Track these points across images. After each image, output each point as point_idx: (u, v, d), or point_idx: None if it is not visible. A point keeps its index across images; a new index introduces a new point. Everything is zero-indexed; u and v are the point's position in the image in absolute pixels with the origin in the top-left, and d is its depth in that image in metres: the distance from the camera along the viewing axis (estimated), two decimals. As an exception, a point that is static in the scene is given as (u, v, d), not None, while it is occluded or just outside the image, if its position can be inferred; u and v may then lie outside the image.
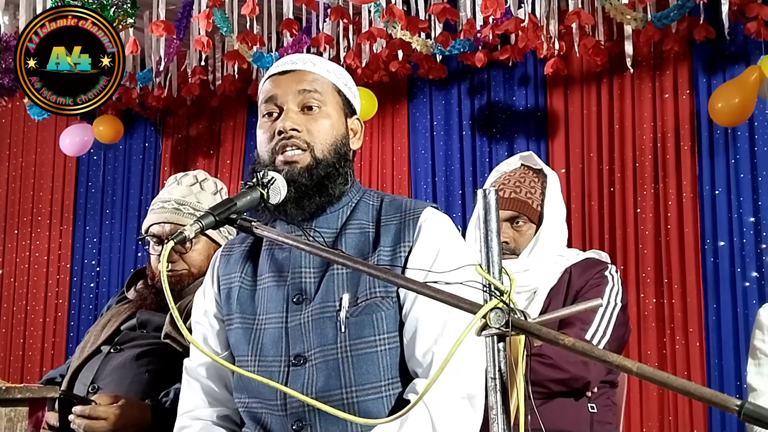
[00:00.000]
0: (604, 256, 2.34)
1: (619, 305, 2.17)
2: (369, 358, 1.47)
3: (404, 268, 1.49)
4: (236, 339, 1.59)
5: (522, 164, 2.36)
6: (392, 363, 1.49)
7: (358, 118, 1.66)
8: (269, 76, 1.62)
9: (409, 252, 1.51)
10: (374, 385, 1.47)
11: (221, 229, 2.27)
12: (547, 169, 2.33)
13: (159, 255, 2.23)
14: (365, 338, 1.47)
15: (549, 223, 2.24)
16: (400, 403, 1.47)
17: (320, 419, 1.46)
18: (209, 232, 2.16)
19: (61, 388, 2.16)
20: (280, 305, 1.54)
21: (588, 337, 2.06)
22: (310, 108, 1.56)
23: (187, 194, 2.26)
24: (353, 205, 1.60)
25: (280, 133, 1.54)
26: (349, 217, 1.58)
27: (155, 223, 2.24)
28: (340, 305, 1.48)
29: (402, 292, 1.50)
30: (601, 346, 2.05)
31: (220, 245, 2.28)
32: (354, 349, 1.47)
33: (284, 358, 1.50)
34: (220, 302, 1.64)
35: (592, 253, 2.33)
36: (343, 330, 1.47)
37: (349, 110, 1.64)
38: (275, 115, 1.57)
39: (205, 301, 1.68)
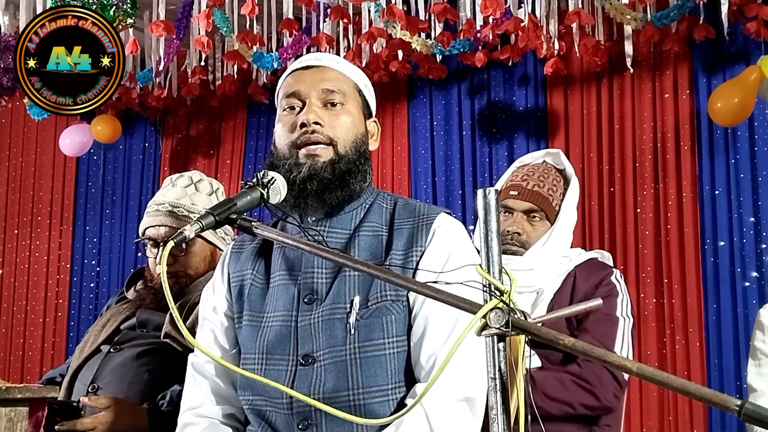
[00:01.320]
0: (607, 257, 2.33)
1: (631, 320, 2.15)
2: (377, 361, 1.47)
3: (414, 272, 1.49)
4: (244, 337, 1.58)
5: (545, 160, 2.35)
6: (400, 367, 1.49)
7: (375, 121, 1.67)
8: (291, 71, 1.63)
9: (421, 257, 1.51)
10: (381, 388, 1.47)
11: (218, 231, 2.27)
12: (570, 171, 2.32)
13: (156, 257, 2.23)
14: (374, 341, 1.47)
15: (562, 225, 2.24)
16: (403, 407, 1.46)
17: (326, 419, 1.45)
18: (205, 234, 2.16)
19: (60, 389, 2.16)
20: (290, 304, 1.53)
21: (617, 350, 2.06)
22: (333, 104, 1.57)
23: (181, 196, 2.25)
24: (367, 206, 1.60)
25: (302, 126, 1.54)
26: (363, 219, 1.58)
27: (151, 226, 2.24)
28: (351, 307, 1.48)
29: (412, 295, 1.50)
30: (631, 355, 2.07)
31: (216, 247, 2.28)
32: (363, 352, 1.47)
33: (292, 357, 1.50)
34: (231, 300, 1.63)
35: (594, 253, 2.32)
36: (352, 332, 1.47)
37: (367, 111, 1.65)
38: (297, 109, 1.58)
39: (214, 297, 1.66)
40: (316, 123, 1.54)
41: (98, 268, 5.63)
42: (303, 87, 1.58)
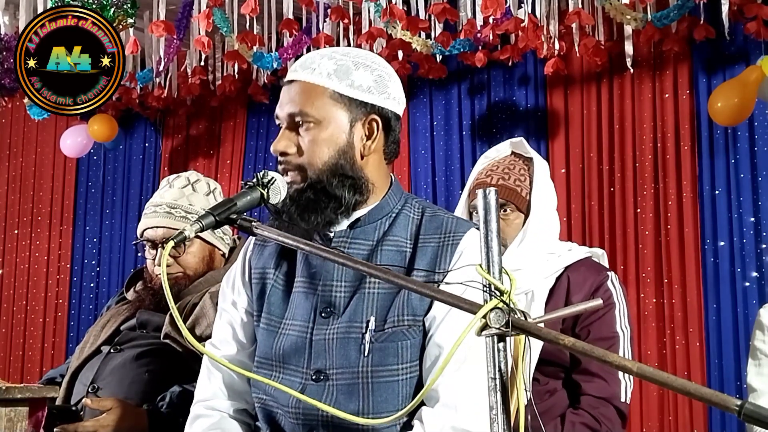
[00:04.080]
0: (601, 255, 2.25)
1: (629, 329, 2.10)
2: (389, 387, 1.44)
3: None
4: (260, 339, 1.56)
5: (513, 152, 2.26)
6: (411, 392, 1.46)
7: (374, 118, 1.52)
8: (283, 86, 1.58)
9: (443, 280, 1.46)
10: (391, 414, 1.42)
11: (216, 231, 2.27)
12: (536, 157, 2.23)
13: (154, 259, 2.23)
14: (388, 366, 1.44)
15: (538, 213, 2.13)
16: (409, 429, 1.45)
17: (332, 430, 1.44)
18: (204, 234, 2.15)
19: (60, 389, 2.16)
20: (308, 315, 1.50)
21: (622, 387, 2.03)
22: (300, 126, 1.50)
23: (178, 197, 2.25)
24: (393, 216, 1.55)
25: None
26: (387, 231, 1.53)
27: (148, 228, 2.23)
28: (367, 327, 1.45)
29: (428, 320, 1.46)
30: (630, 386, 2.04)
31: (215, 247, 2.28)
32: (375, 376, 1.44)
33: (305, 371, 1.48)
34: (252, 297, 1.60)
35: (587, 252, 2.22)
36: (366, 354, 1.44)
37: (359, 112, 1.51)
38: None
39: (234, 293, 1.63)
40: (282, 153, 1.51)
41: (98, 268, 5.63)
42: (279, 108, 1.54)
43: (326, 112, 1.49)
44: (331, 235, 1.54)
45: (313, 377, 1.47)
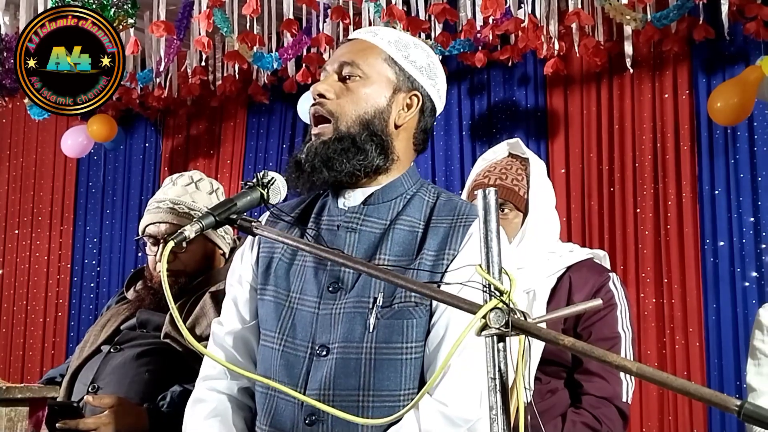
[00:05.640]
0: (603, 257, 2.25)
1: (631, 330, 2.10)
2: (392, 365, 1.43)
3: (443, 276, 1.44)
4: (266, 312, 1.55)
5: (510, 153, 2.28)
6: (415, 374, 1.45)
7: (416, 94, 1.57)
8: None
9: (452, 260, 1.46)
10: (392, 394, 1.43)
11: (218, 229, 2.27)
12: (532, 157, 2.24)
13: (155, 255, 2.23)
14: (393, 344, 1.44)
15: (536, 212, 2.14)
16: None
17: (333, 416, 1.42)
18: (206, 232, 2.15)
19: (60, 389, 2.16)
20: (316, 289, 1.50)
21: (624, 387, 2.03)
22: (347, 78, 1.54)
23: (182, 194, 2.26)
24: (408, 197, 1.56)
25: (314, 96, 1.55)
26: (402, 211, 1.54)
27: (151, 224, 2.24)
28: (374, 303, 1.45)
29: (435, 301, 1.46)
30: (632, 386, 2.04)
31: (216, 245, 2.28)
32: (379, 353, 1.43)
33: (310, 344, 1.47)
34: (257, 271, 1.60)
35: (589, 253, 2.21)
36: (371, 330, 1.44)
37: (405, 84, 1.56)
38: None
39: (241, 265, 1.64)
40: (320, 95, 1.53)
41: (98, 268, 5.63)
42: (329, 60, 1.58)
43: (375, 71, 1.55)
44: (345, 208, 1.55)
45: (318, 351, 1.46)
